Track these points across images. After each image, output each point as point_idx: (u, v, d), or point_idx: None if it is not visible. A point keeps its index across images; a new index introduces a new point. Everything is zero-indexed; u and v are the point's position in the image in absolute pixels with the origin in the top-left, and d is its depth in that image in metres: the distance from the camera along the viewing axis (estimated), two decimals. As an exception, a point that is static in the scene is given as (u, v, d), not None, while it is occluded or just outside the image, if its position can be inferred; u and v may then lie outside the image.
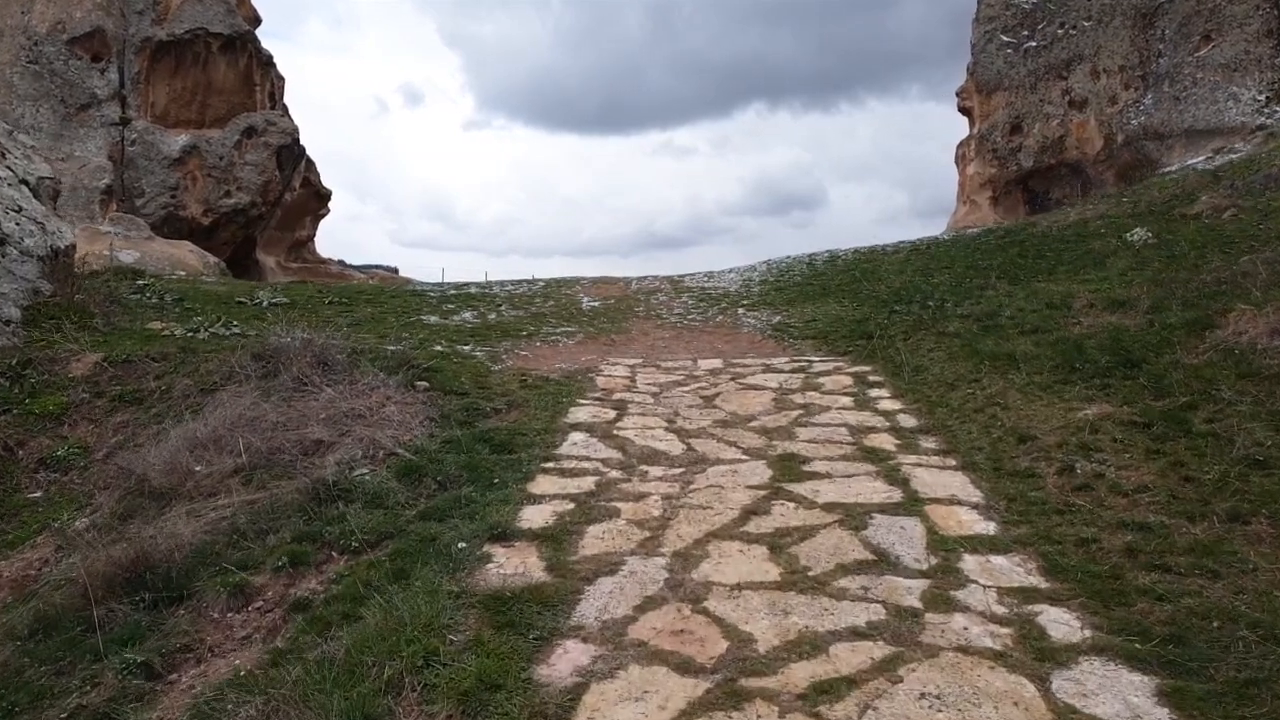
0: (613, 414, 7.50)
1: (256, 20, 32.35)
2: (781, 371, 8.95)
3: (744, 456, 6.43)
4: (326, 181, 32.87)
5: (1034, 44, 23.66)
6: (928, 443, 6.62)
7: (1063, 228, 15.21)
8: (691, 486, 5.86)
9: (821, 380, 8.50)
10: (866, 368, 8.88)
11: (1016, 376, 7.41)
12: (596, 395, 8.10)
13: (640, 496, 5.70)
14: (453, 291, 16.51)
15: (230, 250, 29.20)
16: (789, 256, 19.98)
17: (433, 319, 12.97)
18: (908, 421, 7.12)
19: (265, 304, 13.52)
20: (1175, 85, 21.96)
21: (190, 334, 10.33)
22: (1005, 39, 23.99)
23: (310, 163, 32.70)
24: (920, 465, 6.15)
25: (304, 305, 13.69)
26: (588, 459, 6.42)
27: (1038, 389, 7.08)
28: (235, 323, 11.59)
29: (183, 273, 18.09)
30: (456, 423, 7.14)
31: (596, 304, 14.78)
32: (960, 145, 25.26)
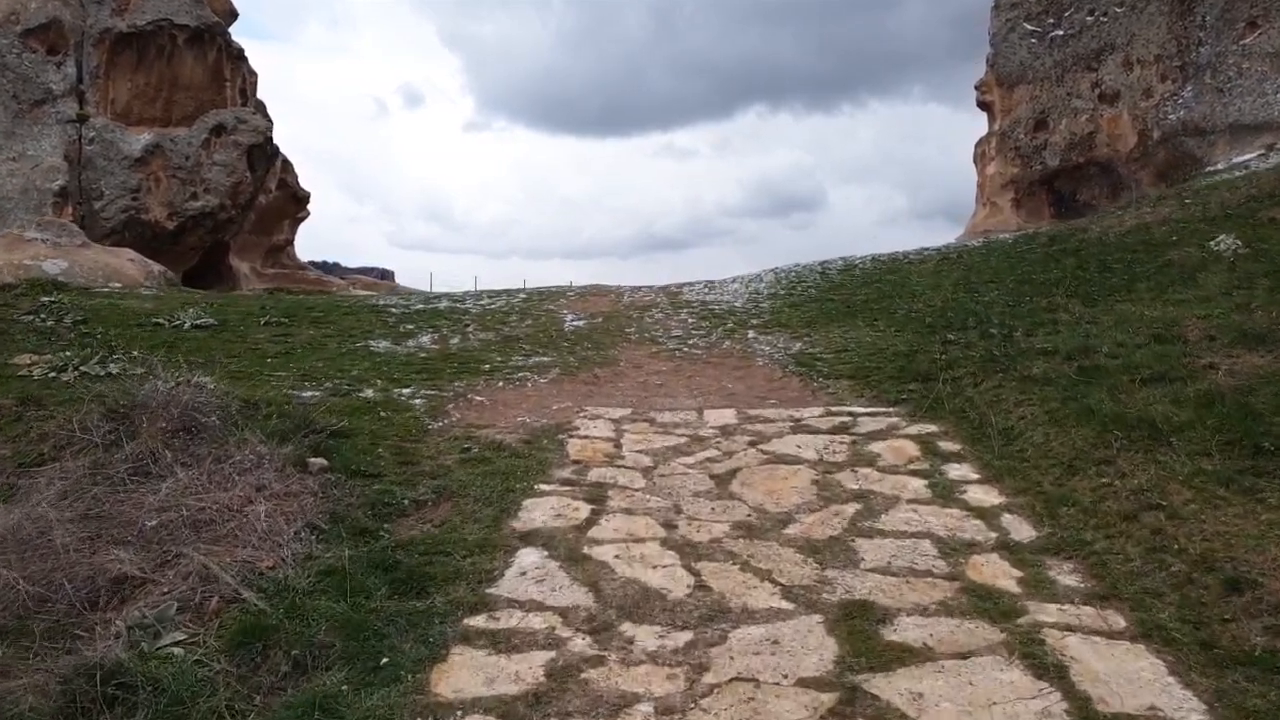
0: (585, 511, 5.03)
1: (232, 14, 29.85)
2: (817, 431, 6.49)
3: (785, 604, 3.97)
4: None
5: (1060, 33, 21.20)
6: (1066, 575, 4.17)
7: (1121, 234, 12.77)
8: (705, 679, 3.40)
9: (875, 448, 6.04)
10: (932, 427, 6.41)
11: (1171, 458, 4.96)
12: (566, 475, 5.63)
13: (620, 705, 3.24)
14: (419, 306, 14.04)
15: (198, 256, 26.73)
16: (799, 265, 17.51)
17: (382, 345, 10.49)
18: (1021, 530, 4.67)
19: (186, 326, 11.05)
20: (1218, 76, 19.52)
21: (52, 374, 7.85)
22: (1029, 27, 21.53)
23: (287, 163, 30.22)
24: (1072, 628, 3.69)
25: (233, 328, 11.22)
26: (539, 608, 3.96)
27: (1215, 482, 4.62)
28: (135, 353, 9.11)
29: (118, 284, 15.60)
30: (351, 531, 4.68)
31: (581, 324, 12.31)
32: (979, 143, 22.81)
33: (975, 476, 5.44)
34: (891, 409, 6.99)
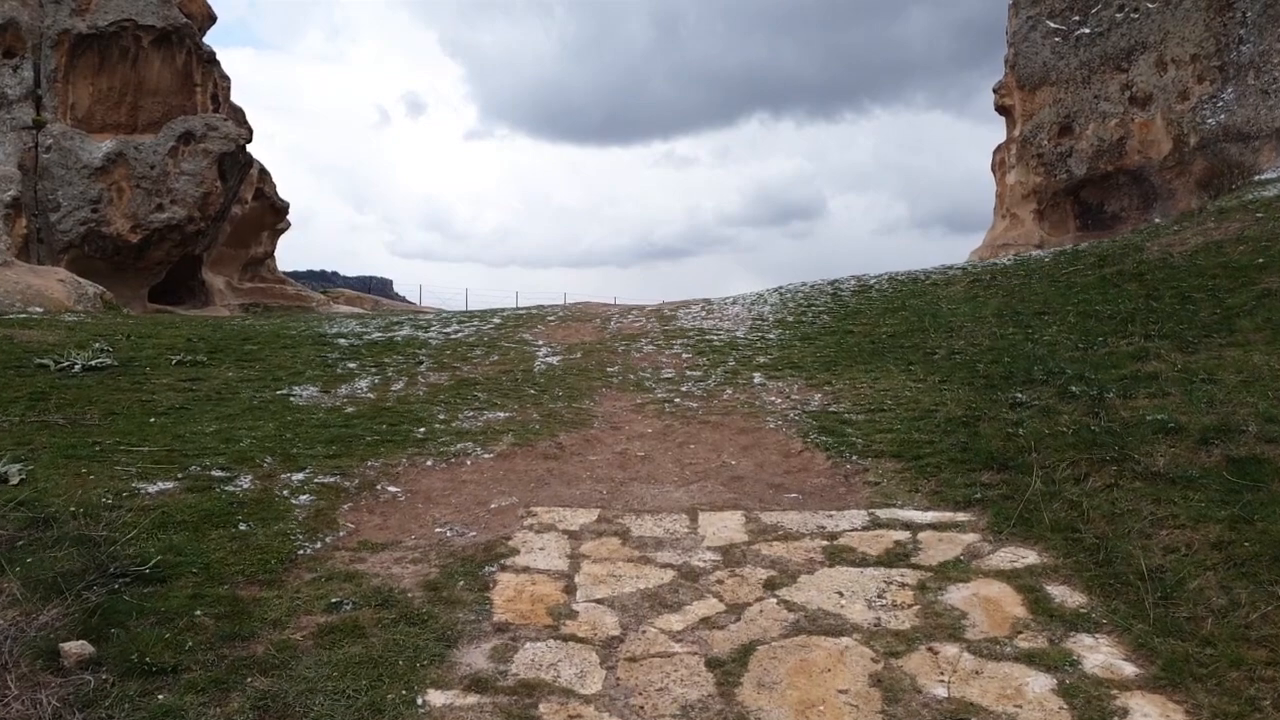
0: (495, 760, 2.90)
1: (210, 17, 27.80)
2: (864, 560, 4.35)
3: None
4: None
5: (1087, 30, 19.11)
6: None
7: (1188, 254, 10.64)
8: None
9: (955, 599, 3.90)
10: (1031, 555, 4.27)
11: None
12: (478, 661, 3.49)
13: None
14: (375, 335, 11.92)
15: (166, 271, 24.65)
16: (806, 284, 15.40)
17: (307, 393, 8.37)
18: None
19: (77, 368, 8.92)
20: (1262, 76, 17.44)
21: None
22: (1052, 25, 19.43)
23: (265, 172, 28.20)
24: None
25: (136, 369, 9.10)
26: None
27: None
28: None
29: (39, 309, 13.48)
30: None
31: (555, 360, 10.18)
32: (997, 150, 20.69)
33: (1130, 671, 3.30)
34: (961, 515, 4.84)
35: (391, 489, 5.47)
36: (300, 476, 5.55)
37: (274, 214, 28.75)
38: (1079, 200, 19.39)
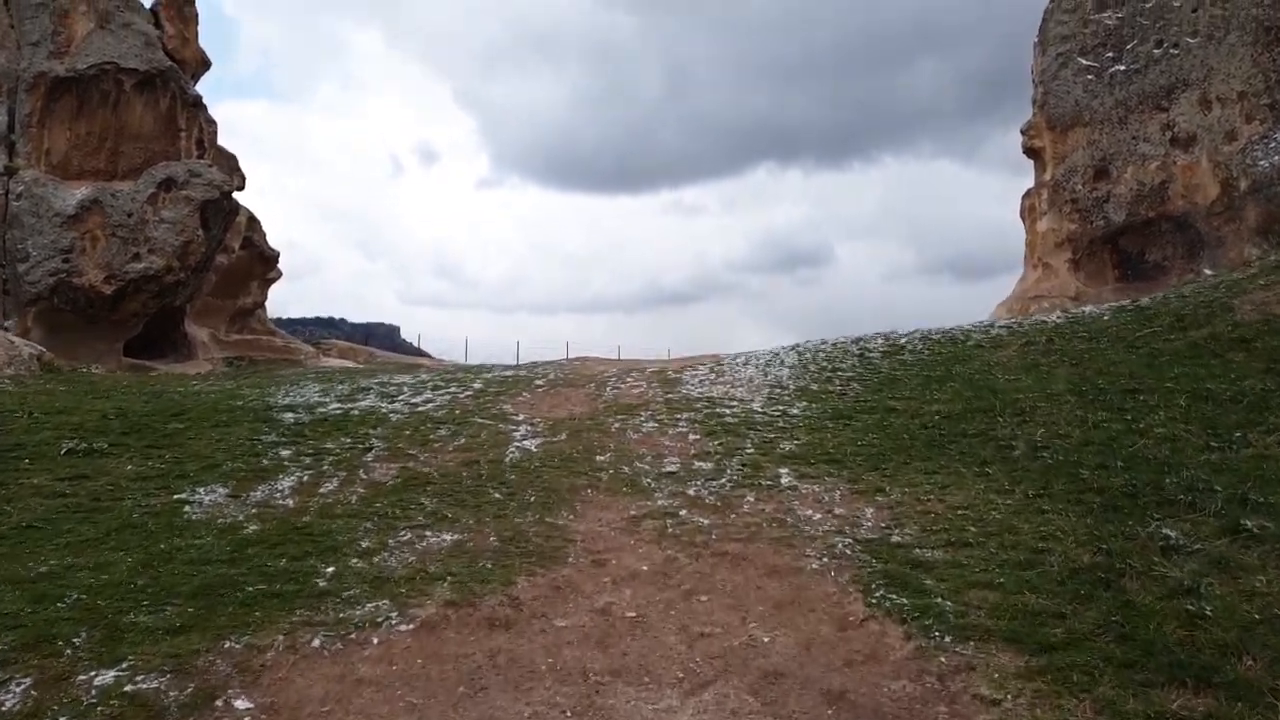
0: None
1: (204, 63, 26.45)
2: None
3: None
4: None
5: (1122, 68, 17.36)
6: None
7: (1296, 315, 8.66)
8: None
9: None
10: None
11: None
12: None
13: None
14: (333, 406, 9.97)
15: (144, 323, 22.80)
16: (827, 342, 13.42)
17: (209, 499, 6.38)
18: None
19: (-65, 461, 6.99)
20: (1319, 115, 15.61)
21: None
22: (1084, 62, 17.70)
23: (254, 220, 26.53)
24: None
25: (12, 463, 7.15)
26: None
27: None
28: None
29: (-44, 374, 11.62)
30: None
31: (534, 445, 8.18)
32: (1027, 195, 18.86)
33: None
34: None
35: (240, 704, 3.45)
36: (106, 679, 3.54)
37: (263, 263, 27.03)
38: (1118, 249, 17.49)
